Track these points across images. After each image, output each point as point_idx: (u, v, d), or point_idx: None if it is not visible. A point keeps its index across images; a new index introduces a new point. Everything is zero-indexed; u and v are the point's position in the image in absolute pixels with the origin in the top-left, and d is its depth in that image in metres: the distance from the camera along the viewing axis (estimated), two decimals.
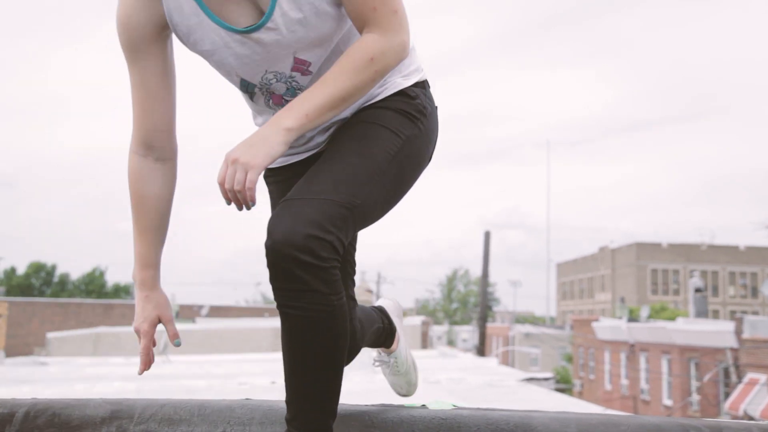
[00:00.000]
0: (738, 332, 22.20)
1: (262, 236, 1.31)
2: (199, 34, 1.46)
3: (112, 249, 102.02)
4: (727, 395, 22.36)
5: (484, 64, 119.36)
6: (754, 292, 62.94)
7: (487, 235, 21.34)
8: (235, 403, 1.67)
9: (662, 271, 63.44)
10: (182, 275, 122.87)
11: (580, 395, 34.48)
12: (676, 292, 62.83)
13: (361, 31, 1.44)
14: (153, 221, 1.60)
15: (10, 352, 31.50)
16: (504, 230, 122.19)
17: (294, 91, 1.54)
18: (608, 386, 32.79)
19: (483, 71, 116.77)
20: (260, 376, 12.10)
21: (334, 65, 1.41)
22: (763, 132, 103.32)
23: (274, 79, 1.52)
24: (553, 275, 78.62)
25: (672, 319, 36.54)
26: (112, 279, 75.88)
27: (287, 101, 1.55)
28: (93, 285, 62.98)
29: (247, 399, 1.72)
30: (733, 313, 58.32)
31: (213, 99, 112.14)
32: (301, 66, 1.50)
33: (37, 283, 62.33)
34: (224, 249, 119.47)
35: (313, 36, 1.45)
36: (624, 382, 30.87)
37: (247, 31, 1.44)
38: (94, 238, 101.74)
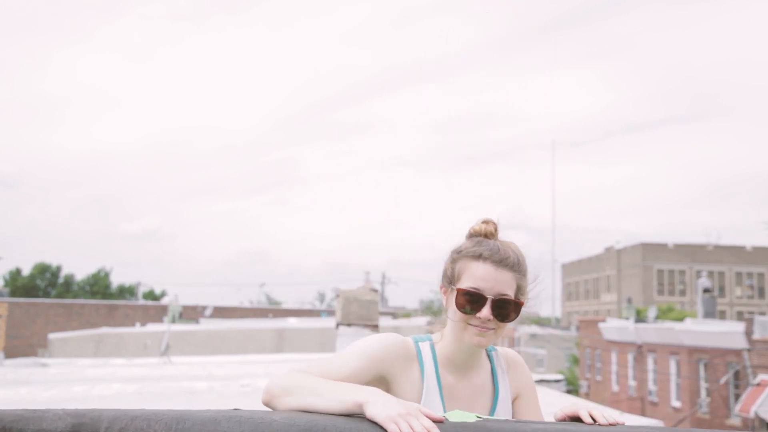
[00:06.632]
0: (748, 333, 21.88)
1: (264, 237, 1.08)
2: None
3: (115, 250, 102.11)
4: (737, 397, 22.03)
5: (487, 66, 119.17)
6: (761, 292, 62.52)
7: None
8: (220, 415, 1.41)
9: (668, 272, 63.04)
10: (185, 276, 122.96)
11: (587, 396, 34.17)
12: (683, 293, 62.43)
13: None
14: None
15: (13, 354, 31.32)
16: (507, 231, 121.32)
17: None
18: (615, 387, 32.47)
19: (485, 73, 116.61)
20: (263, 377, 11.86)
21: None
22: (767, 133, 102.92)
23: None
24: (558, 276, 78.32)
25: (680, 319, 36.21)
26: (116, 280, 75.72)
27: None
28: (98, 286, 62.85)
29: (235, 409, 1.46)
30: (740, 313, 57.91)
31: (213, 99, 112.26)
32: None
33: (42, 284, 62.19)
34: (227, 249, 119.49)
35: None
36: (631, 383, 30.54)
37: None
38: (96, 239, 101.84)
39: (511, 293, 1.73)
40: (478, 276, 1.72)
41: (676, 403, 26.37)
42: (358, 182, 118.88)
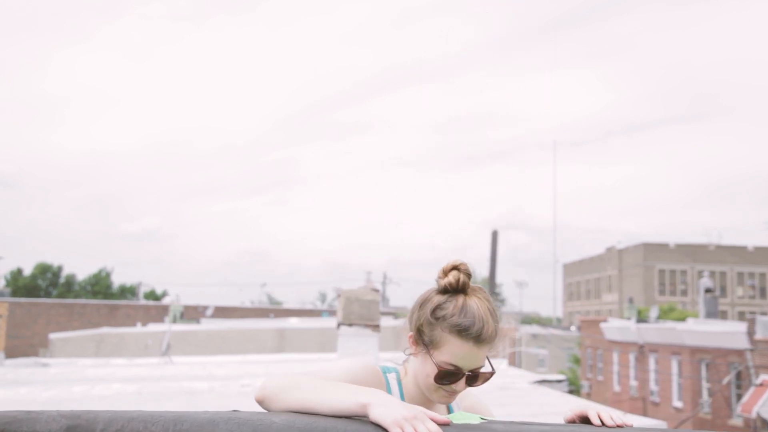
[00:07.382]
0: (750, 333, 21.83)
1: (264, 237, 1.04)
2: None
3: (115, 250, 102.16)
4: (739, 397, 21.99)
5: (487, 66, 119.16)
6: (763, 292, 62.42)
7: (495, 235, 21.01)
8: (218, 417, 1.38)
9: (669, 272, 62.96)
10: (186, 276, 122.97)
11: (588, 397, 34.13)
12: (684, 293, 62.35)
13: None
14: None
15: (14, 354, 31.28)
16: (508, 231, 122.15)
17: None
18: (617, 387, 32.41)
19: (485, 73, 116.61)
20: (264, 377, 11.81)
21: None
22: (767, 133, 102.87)
23: None
24: (559, 276, 78.28)
25: (681, 319, 36.16)
26: (117, 280, 75.70)
27: None
28: (99, 286, 62.82)
29: (234, 411, 1.43)
30: (741, 314, 57.82)
31: (213, 99, 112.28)
32: None
33: (44, 284, 62.18)
34: (227, 249, 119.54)
35: None
36: (633, 383, 30.49)
37: None
38: (96, 239, 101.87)
39: (484, 362, 1.75)
40: (459, 354, 1.71)
41: (678, 404, 26.32)
42: (358, 182, 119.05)
